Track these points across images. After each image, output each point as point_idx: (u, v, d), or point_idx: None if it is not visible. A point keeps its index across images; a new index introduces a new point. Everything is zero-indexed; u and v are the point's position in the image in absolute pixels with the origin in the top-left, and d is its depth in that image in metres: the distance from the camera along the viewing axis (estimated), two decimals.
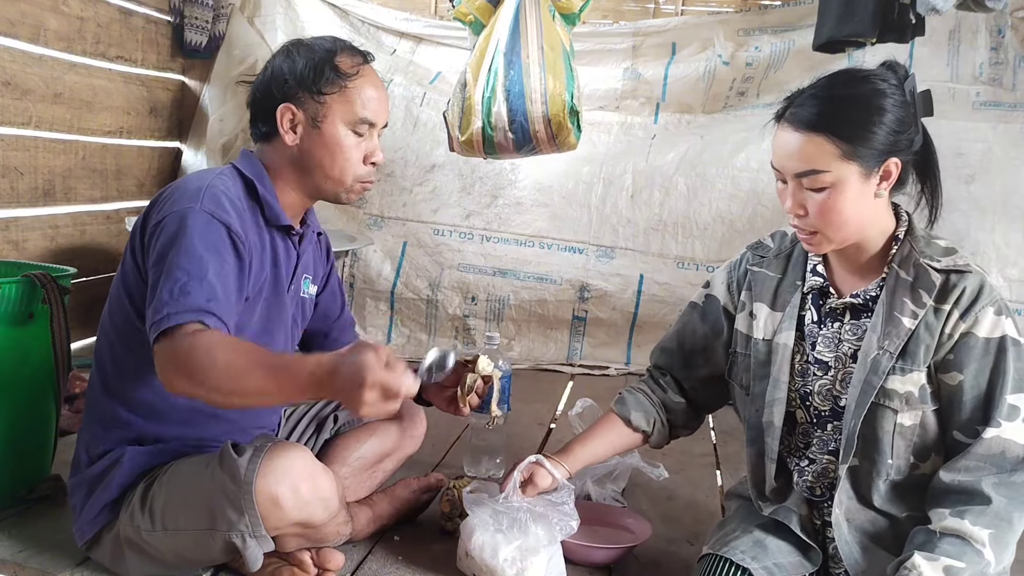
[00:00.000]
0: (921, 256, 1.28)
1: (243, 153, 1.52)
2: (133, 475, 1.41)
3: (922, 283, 1.26)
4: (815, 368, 1.36)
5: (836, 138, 1.22)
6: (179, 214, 1.32)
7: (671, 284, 3.35)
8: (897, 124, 1.24)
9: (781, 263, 1.44)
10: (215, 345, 1.18)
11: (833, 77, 1.30)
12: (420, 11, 3.68)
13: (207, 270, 1.27)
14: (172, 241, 1.29)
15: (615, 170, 3.44)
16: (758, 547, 1.30)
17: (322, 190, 1.49)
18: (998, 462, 1.21)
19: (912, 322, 1.26)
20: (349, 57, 1.47)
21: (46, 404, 1.77)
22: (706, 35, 3.45)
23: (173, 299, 1.23)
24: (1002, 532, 1.18)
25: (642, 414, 1.57)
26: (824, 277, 1.36)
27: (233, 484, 1.28)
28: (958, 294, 1.24)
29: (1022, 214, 3.04)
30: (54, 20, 2.81)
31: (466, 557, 1.48)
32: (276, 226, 1.48)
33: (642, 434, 1.58)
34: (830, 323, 1.35)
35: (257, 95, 1.48)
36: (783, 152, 1.27)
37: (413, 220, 3.56)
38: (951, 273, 1.26)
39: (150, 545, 1.36)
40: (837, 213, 1.24)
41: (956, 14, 3.04)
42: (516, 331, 3.48)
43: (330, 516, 1.38)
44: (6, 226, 2.71)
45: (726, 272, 1.53)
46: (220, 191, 1.37)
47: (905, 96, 1.26)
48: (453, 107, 2.58)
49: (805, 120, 1.24)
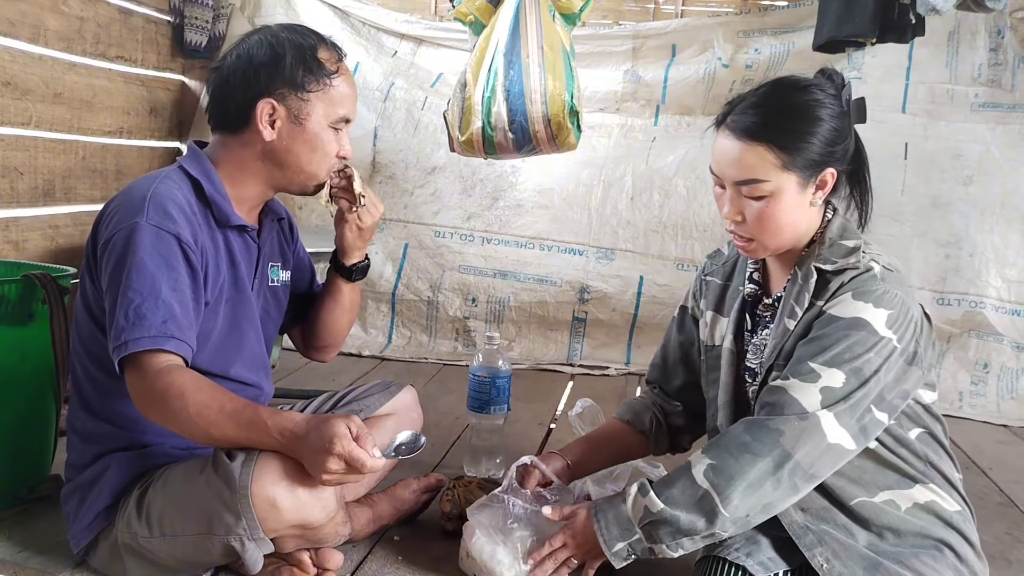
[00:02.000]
0: (816, 260, 1.30)
1: (190, 148, 1.47)
2: (124, 480, 1.40)
3: (808, 285, 1.29)
4: (747, 375, 1.39)
5: (776, 148, 1.24)
6: (126, 231, 1.30)
7: (671, 286, 3.36)
8: (834, 135, 1.26)
9: (727, 270, 1.49)
10: (188, 390, 1.23)
11: (774, 85, 1.32)
12: (420, 12, 3.68)
13: (160, 288, 1.27)
14: (122, 260, 1.29)
15: (615, 172, 3.45)
16: (751, 543, 1.31)
17: (292, 183, 1.47)
18: (769, 411, 1.22)
19: (792, 323, 1.29)
20: (328, 52, 1.45)
21: (46, 404, 1.77)
22: (706, 37, 3.45)
23: (130, 324, 1.24)
24: (723, 462, 1.20)
25: (637, 414, 1.62)
26: (759, 284, 1.40)
27: (228, 489, 1.27)
28: (836, 287, 1.26)
29: (1020, 215, 3.05)
30: (54, 20, 2.82)
31: (467, 557, 1.48)
32: (228, 226, 1.45)
33: (641, 435, 1.61)
34: (759, 330, 1.39)
35: (229, 84, 1.42)
36: (723, 159, 1.29)
37: (414, 222, 3.56)
38: (840, 273, 1.27)
39: (149, 551, 1.36)
40: (774, 221, 1.27)
41: (956, 15, 3.04)
42: (516, 332, 3.48)
43: (328, 517, 1.37)
44: (6, 226, 2.71)
45: (694, 281, 1.58)
46: (166, 198, 1.34)
47: (842, 106, 1.28)
48: (453, 107, 2.59)
49: (746, 129, 1.26)
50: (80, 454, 1.45)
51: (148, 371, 1.24)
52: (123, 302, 1.26)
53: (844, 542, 1.26)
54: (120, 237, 1.31)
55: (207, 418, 1.22)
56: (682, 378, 1.61)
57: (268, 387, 1.60)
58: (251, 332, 1.53)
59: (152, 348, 1.25)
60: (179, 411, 1.22)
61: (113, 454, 1.42)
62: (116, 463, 1.41)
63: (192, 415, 1.22)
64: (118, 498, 1.40)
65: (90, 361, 1.43)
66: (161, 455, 1.43)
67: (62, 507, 1.47)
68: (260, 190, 1.49)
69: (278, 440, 1.24)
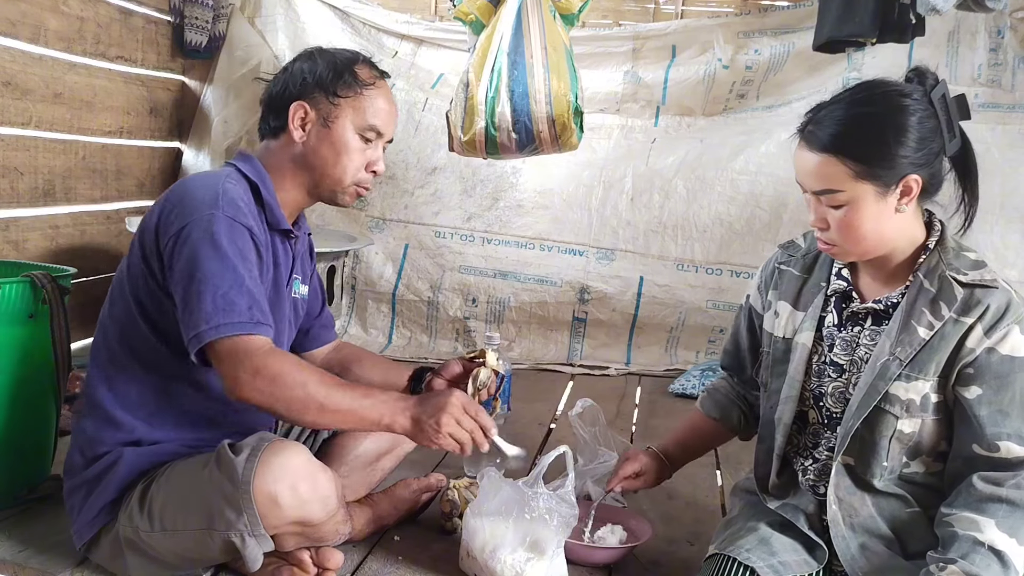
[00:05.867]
0: (948, 268, 1.28)
1: (241, 155, 1.53)
2: (131, 476, 1.40)
3: (944, 295, 1.26)
4: (830, 370, 1.36)
5: (849, 159, 1.22)
6: (203, 220, 1.33)
7: (671, 286, 3.36)
8: (918, 141, 1.23)
9: (808, 264, 1.44)
10: (301, 369, 1.30)
11: (855, 92, 1.29)
12: (420, 12, 3.68)
13: (243, 276, 1.32)
14: (201, 248, 1.31)
15: (615, 173, 3.45)
16: (763, 545, 1.30)
17: (320, 188, 1.51)
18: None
19: (927, 333, 1.25)
20: (368, 69, 1.52)
21: (46, 404, 1.77)
22: (706, 38, 3.45)
23: (219, 309, 1.27)
24: None
25: (723, 409, 1.62)
26: (848, 281, 1.37)
27: (231, 484, 1.28)
28: (982, 310, 1.23)
29: (1020, 215, 3.05)
30: (54, 20, 2.82)
31: (467, 557, 1.48)
32: (276, 230, 1.50)
33: (728, 429, 1.63)
34: (850, 327, 1.36)
35: (273, 91, 1.52)
36: (801, 170, 1.29)
37: (415, 222, 3.56)
38: (976, 287, 1.25)
39: (149, 546, 1.36)
40: (855, 229, 1.25)
41: (955, 15, 3.04)
42: (516, 333, 3.48)
43: (329, 515, 1.38)
44: (6, 226, 2.71)
45: (759, 273, 1.54)
46: (236, 195, 1.39)
47: (932, 107, 1.25)
48: (456, 107, 2.59)
49: (820, 141, 1.24)
50: (88, 438, 1.44)
51: (251, 353, 1.28)
52: (207, 288, 1.28)
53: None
54: (197, 226, 1.33)
55: (322, 392, 1.28)
56: (752, 367, 1.59)
57: None
58: (284, 335, 1.56)
59: (245, 333, 1.28)
60: (292, 388, 1.27)
61: (122, 449, 1.42)
62: (124, 458, 1.40)
63: (311, 391, 1.28)
64: (123, 493, 1.40)
65: (121, 343, 1.43)
66: (170, 452, 1.43)
67: (65, 502, 1.47)
68: (297, 195, 1.53)
69: (396, 405, 1.32)
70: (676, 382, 3.04)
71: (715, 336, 3.34)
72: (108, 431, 1.43)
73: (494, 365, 1.58)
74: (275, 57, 3.58)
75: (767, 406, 1.44)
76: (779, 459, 1.40)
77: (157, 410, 1.43)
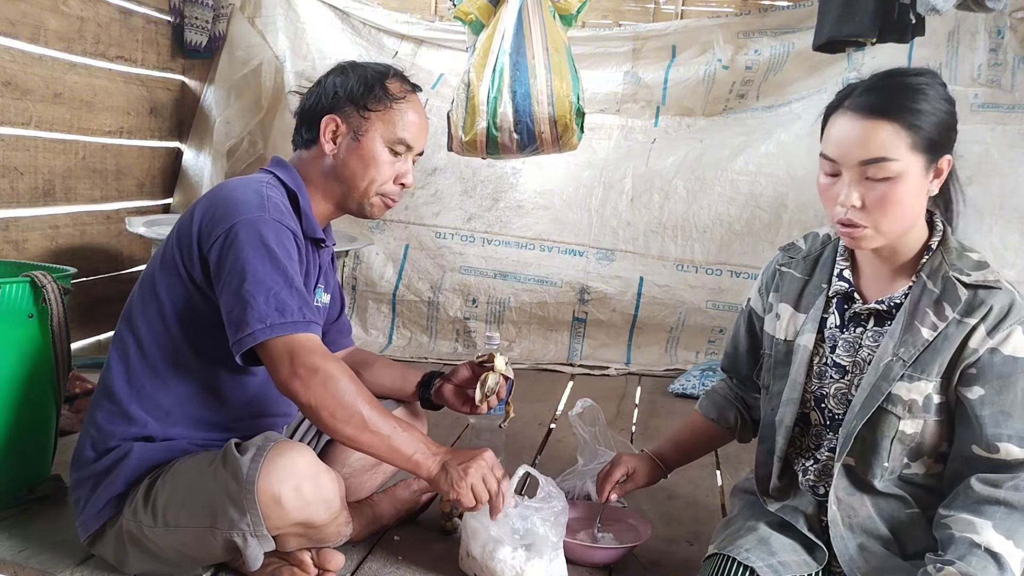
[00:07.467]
0: (951, 269, 1.27)
1: (277, 161, 1.56)
2: (140, 470, 1.41)
3: (948, 296, 1.25)
4: (832, 371, 1.36)
5: (906, 126, 1.19)
6: (250, 223, 1.36)
7: (671, 286, 3.37)
8: (951, 120, 1.24)
9: (809, 265, 1.43)
10: (364, 396, 1.32)
11: (891, 72, 1.27)
12: (420, 12, 3.68)
13: (293, 277, 1.35)
14: (250, 249, 1.33)
15: (615, 174, 3.45)
16: (762, 545, 1.30)
17: (348, 200, 1.54)
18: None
19: (931, 333, 1.25)
20: (399, 83, 1.55)
21: (46, 404, 1.77)
22: (706, 38, 3.46)
23: (272, 309, 1.30)
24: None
25: (720, 410, 1.63)
26: (850, 283, 1.36)
27: (235, 483, 1.28)
28: (986, 310, 1.23)
29: (1019, 216, 3.05)
30: (54, 20, 2.82)
31: (467, 557, 1.48)
32: (309, 238, 1.52)
33: (725, 429, 1.63)
34: (852, 328, 1.35)
35: (306, 104, 1.55)
36: (847, 140, 1.22)
37: (415, 223, 3.56)
38: (980, 288, 1.25)
39: (151, 541, 1.36)
40: (898, 204, 1.21)
41: (955, 15, 3.04)
42: (516, 333, 3.48)
43: (332, 516, 1.38)
44: (6, 226, 2.71)
45: (761, 276, 1.54)
46: (278, 200, 1.43)
47: (950, 96, 1.27)
48: (457, 107, 2.59)
49: (875, 107, 1.20)
50: (100, 432, 1.44)
51: (309, 351, 1.30)
52: (260, 288, 1.31)
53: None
54: (244, 228, 1.35)
55: (367, 410, 1.31)
56: (753, 369, 1.59)
57: None
58: None
59: (299, 332, 1.31)
60: (343, 395, 1.30)
61: (133, 443, 1.42)
62: (134, 452, 1.41)
63: (360, 406, 1.30)
64: (131, 487, 1.40)
65: (151, 340, 1.43)
66: (180, 449, 1.44)
67: (72, 493, 1.47)
68: (326, 206, 1.56)
69: (431, 447, 1.37)
70: (676, 382, 3.04)
71: (715, 336, 3.34)
72: (121, 425, 1.43)
73: (503, 370, 1.59)
74: (276, 57, 3.58)
75: (768, 408, 1.44)
76: (780, 461, 1.39)
77: (173, 412, 1.44)
